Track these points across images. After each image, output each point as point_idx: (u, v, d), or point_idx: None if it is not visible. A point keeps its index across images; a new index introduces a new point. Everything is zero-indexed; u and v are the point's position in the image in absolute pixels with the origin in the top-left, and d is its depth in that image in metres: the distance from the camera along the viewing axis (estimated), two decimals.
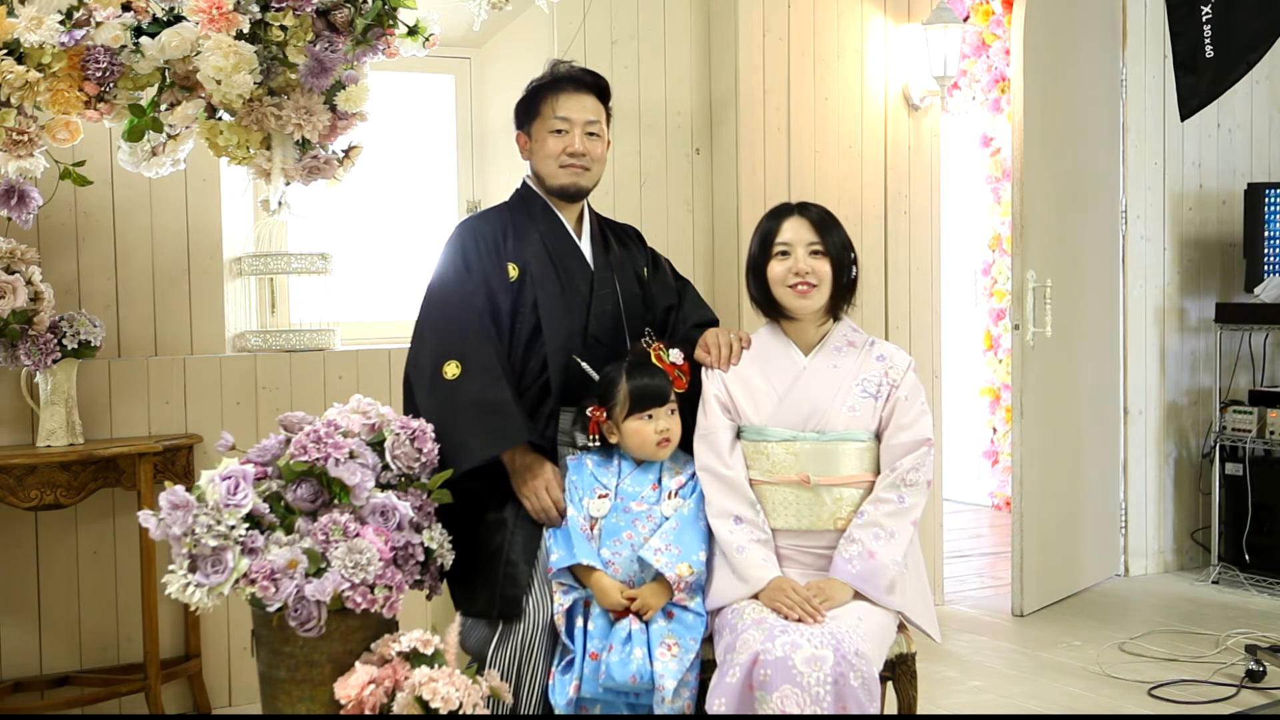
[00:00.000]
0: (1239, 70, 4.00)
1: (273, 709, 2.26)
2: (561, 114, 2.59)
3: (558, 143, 2.59)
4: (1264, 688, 3.45)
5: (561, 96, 2.60)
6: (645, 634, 2.28)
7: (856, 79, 4.29)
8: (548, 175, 2.62)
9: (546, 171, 2.62)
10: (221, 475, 2.22)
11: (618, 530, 2.38)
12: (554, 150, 2.59)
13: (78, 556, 3.33)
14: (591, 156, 2.62)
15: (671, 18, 4.20)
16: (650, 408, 2.42)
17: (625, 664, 2.23)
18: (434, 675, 2.15)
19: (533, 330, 2.55)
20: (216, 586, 2.15)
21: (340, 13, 2.82)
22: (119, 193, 3.40)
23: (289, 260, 3.55)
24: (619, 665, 2.23)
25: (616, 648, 2.26)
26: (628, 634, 2.27)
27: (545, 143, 2.61)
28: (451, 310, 2.54)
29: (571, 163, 2.59)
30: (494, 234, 2.61)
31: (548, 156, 2.60)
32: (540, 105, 2.62)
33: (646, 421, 2.42)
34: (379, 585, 2.20)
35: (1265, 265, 4.73)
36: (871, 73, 4.32)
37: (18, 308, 3.01)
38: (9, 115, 2.71)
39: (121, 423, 3.36)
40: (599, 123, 2.63)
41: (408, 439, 2.38)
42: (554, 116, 2.59)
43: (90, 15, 2.69)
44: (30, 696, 3.23)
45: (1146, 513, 4.93)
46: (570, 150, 2.58)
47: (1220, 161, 5.06)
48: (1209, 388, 4.96)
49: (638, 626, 2.28)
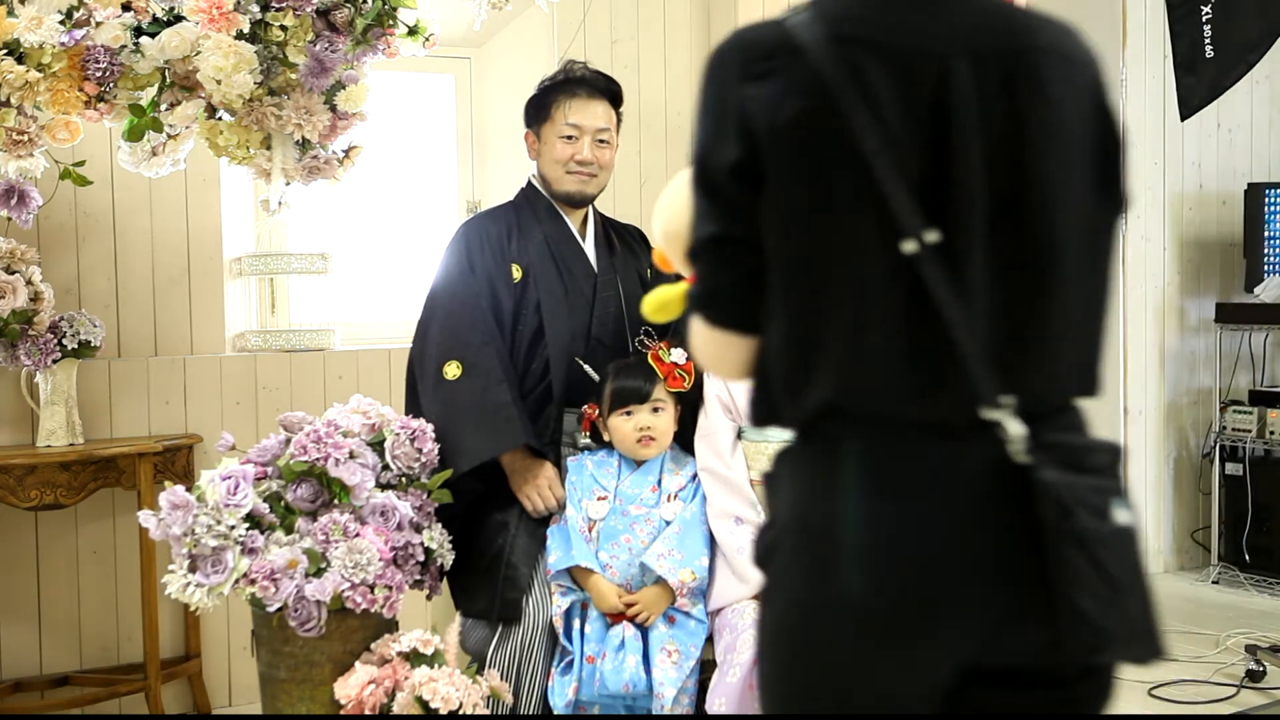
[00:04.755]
0: (1239, 70, 4.00)
1: (273, 709, 2.26)
2: (573, 120, 2.57)
3: (566, 149, 2.58)
4: (1264, 688, 3.44)
5: (574, 102, 2.58)
6: (640, 641, 2.28)
7: None
8: (554, 180, 2.62)
9: (553, 176, 2.62)
10: (221, 475, 2.22)
11: (616, 533, 2.38)
12: (562, 156, 2.59)
13: (78, 556, 3.33)
14: (599, 164, 2.61)
15: (671, 18, 4.20)
16: (629, 405, 2.42)
17: (619, 672, 2.23)
18: (434, 675, 2.16)
19: (535, 331, 2.55)
20: (216, 586, 2.15)
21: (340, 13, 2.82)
22: (119, 193, 3.40)
23: (289, 260, 3.55)
24: (612, 673, 2.23)
25: (610, 655, 2.26)
26: (621, 641, 2.27)
27: (554, 147, 2.60)
28: (455, 310, 2.54)
29: (579, 170, 2.59)
30: (498, 234, 2.61)
31: (556, 161, 2.60)
32: (552, 108, 2.60)
33: (626, 418, 2.43)
34: (379, 585, 2.20)
35: (1265, 265, 4.73)
36: None
37: (18, 308, 3.01)
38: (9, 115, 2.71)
39: (121, 423, 3.35)
40: (609, 130, 2.63)
41: (408, 439, 2.38)
42: (565, 122, 2.58)
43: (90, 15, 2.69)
44: (30, 696, 3.23)
45: (1146, 513, 4.93)
46: (579, 158, 2.58)
47: (1220, 161, 5.06)
48: (1209, 388, 4.96)
49: (632, 634, 2.28)
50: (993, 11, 1.19)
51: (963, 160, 1.13)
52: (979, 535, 1.15)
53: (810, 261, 1.17)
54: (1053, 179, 1.18)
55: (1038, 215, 1.18)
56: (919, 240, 1.11)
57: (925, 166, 1.13)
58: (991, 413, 1.14)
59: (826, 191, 1.14)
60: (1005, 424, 1.14)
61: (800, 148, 1.14)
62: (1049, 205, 1.18)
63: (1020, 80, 1.16)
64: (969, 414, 1.14)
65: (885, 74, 1.13)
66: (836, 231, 1.15)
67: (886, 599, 1.14)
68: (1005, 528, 1.14)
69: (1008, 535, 1.14)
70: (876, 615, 1.15)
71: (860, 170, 1.12)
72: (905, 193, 1.12)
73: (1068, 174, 1.20)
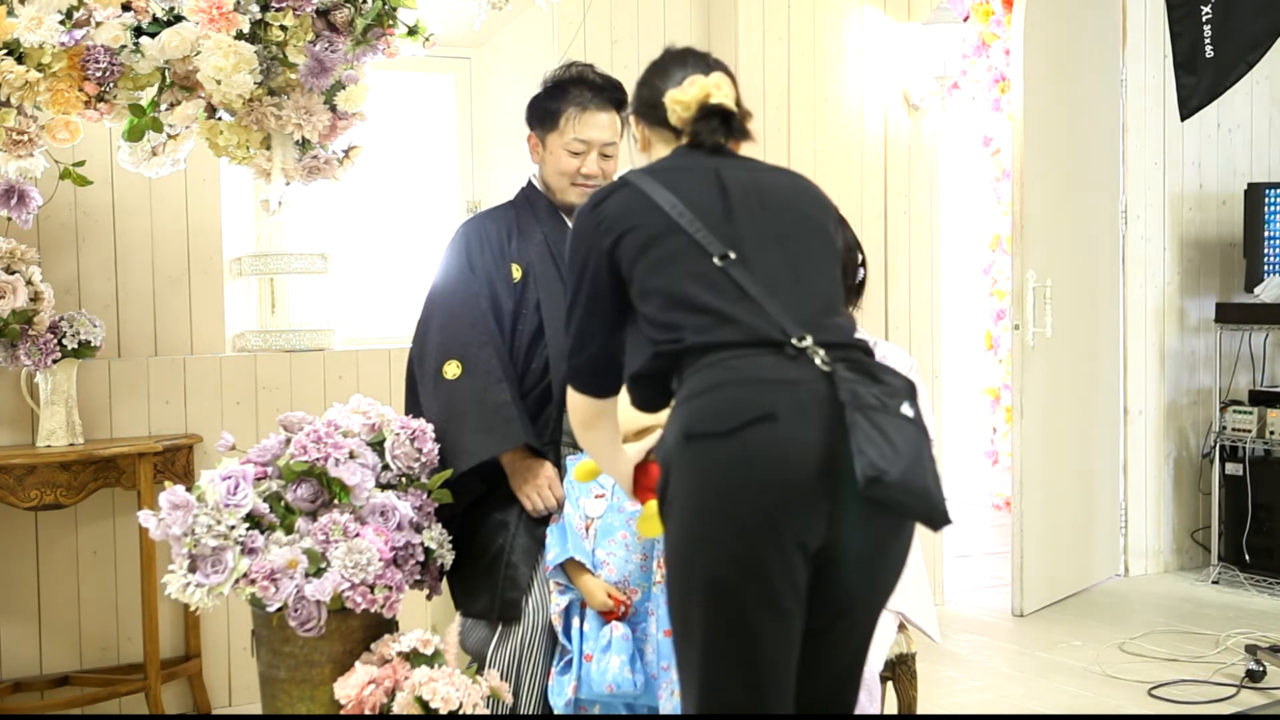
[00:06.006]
0: (1239, 70, 4.00)
1: (273, 709, 2.26)
2: (582, 136, 2.54)
3: (572, 162, 2.56)
4: (1264, 688, 3.45)
5: (584, 116, 2.55)
6: (628, 641, 2.27)
7: (856, 79, 4.30)
8: (557, 189, 2.61)
9: (557, 186, 2.61)
10: (221, 475, 2.22)
11: (613, 530, 2.38)
12: (568, 169, 2.57)
13: (78, 556, 3.33)
14: (604, 176, 2.60)
15: (671, 18, 4.20)
16: None
17: (603, 673, 2.22)
18: (434, 675, 2.16)
19: (535, 331, 2.55)
20: (216, 586, 2.15)
21: (340, 13, 2.82)
22: (119, 193, 3.40)
23: (289, 260, 3.55)
24: (598, 674, 2.22)
25: (596, 656, 2.25)
26: (609, 642, 2.26)
27: (560, 158, 2.58)
28: (454, 310, 2.53)
29: (583, 183, 2.58)
30: (498, 234, 2.60)
31: (560, 173, 2.58)
32: (560, 119, 2.56)
33: None
34: (379, 585, 2.20)
35: (1265, 265, 4.73)
36: (871, 73, 4.32)
37: (18, 308, 3.01)
38: (9, 115, 2.71)
39: (121, 423, 3.36)
40: (614, 143, 2.61)
41: (408, 439, 2.38)
42: (573, 137, 2.55)
43: (90, 15, 2.69)
44: (30, 696, 3.23)
45: (1146, 513, 4.93)
46: (585, 172, 2.57)
47: (1220, 161, 5.06)
48: (1209, 388, 4.96)
49: (620, 634, 2.27)
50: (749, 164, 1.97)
51: (740, 206, 1.82)
52: (807, 423, 1.62)
53: (661, 277, 1.79)
54: (787, 207, 1.89)
55: (784, 227, 1.85)
56: (723, 257, 1.76)
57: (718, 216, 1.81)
58: (801, 343, 1.66)
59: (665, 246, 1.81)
60: (811, 349, 1.65)
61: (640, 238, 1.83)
62: (788, 220, 1.86)
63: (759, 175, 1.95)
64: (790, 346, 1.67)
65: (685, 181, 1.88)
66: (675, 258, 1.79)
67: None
68: (823, 418, 1.60)
69: (824, 424, 1.60)
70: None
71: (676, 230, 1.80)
72: (706, 231, 1.79)
73: (795, 202, 1.91)
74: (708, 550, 1.63)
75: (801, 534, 1.62)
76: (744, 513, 1.60)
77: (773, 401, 1.61)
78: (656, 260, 1.79)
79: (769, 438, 1.60)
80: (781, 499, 1.60)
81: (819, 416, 1.60)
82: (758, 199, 1.85)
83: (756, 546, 1.60)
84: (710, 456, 1.63)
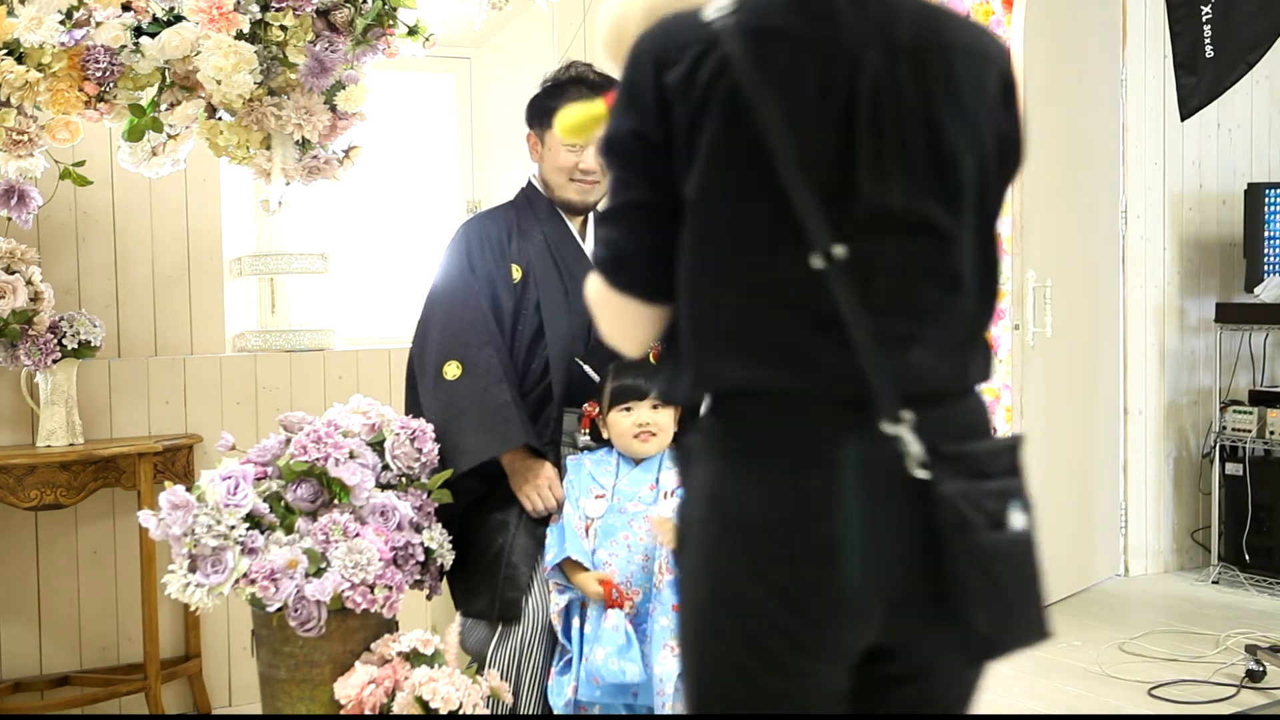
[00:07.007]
0: (1239, 70, 4.01)
1: (273, 709, 2.26)
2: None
3: (570, 158, 2.57)
4: (1264, 688, 3.44)
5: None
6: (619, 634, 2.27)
7: None
8: (556, 186, 2.62)
9: (555, 183, 2.61)
10: (221, 475, 2.22)
11: (614, 531, 2.38)
12: (566, 165, 2.58)
13: (78, 556, 3.33)
14: (602, 172, 2.61)
15: None
16: (628, 401, 2.43)
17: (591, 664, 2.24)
18: (434, 675, 2.16)
19: (535, 331, 2.55)
20: (216, 586, 2.15)
21: (340, 13, 2.82)
22: (119, 193, 3.39)
23: (289, 260, 3.55)
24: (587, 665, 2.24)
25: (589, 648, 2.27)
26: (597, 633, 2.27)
27: (558, 155, 2.59)
28: (454, 310, 2.54)
29: (582, 179, 2.58)
30: (498, 234, 2.61)
31: (558, 169, 2.59)
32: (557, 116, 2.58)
33: (625, 414, 2.43)
34: (379, 585, 2.20)
35: (1265, 265, 4.73)
36: None
37: (18, 308, 3.01)
38: (9, 115, 2.71)
39: (121, 423, 3.36)
40: None
41: (408, 439, 2.38)
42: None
43: (90, 15, 2.69)
44: (30, 696, 3.23)
45: (1146, 513, 4.93)
46: (583, 167, 2.58)
47: (1220, 161, 5.06)
48: (1209, 388, 4.96)
49: (610, 624, 2.28)
50: (908, 8, 1.21)
51: (871, 145, 1.15)
52: (885, 526, 1.17)
53: (721, 249, 1.19)
54: (962, 166, 1.21)
55: (946, 202, 1.21)
56: (827, 256, 1.14)
57: (834, 159, 1.15)
58: (891, 428, 1.16)
59: (737, 184, 1.17)
60: (905, 440, 1.16)
61: (714, 139, 1.16)
62: (956, 193, 1.22)
63: (930, 73, 1.18)
64: (872, 418, 1.16)
65: (797, 63, 1.15)
66: (746, 231, 1.18)
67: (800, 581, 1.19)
68: (909, 523, 1.17)
69: (911, 530, 1.17)
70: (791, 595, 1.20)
71: (766, 170, 1.14)
72: (813, 203, 1.13)
73: (976, 164, 1.23)
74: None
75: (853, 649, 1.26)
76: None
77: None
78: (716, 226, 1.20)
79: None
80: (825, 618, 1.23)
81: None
82: (924, 134, 1.18)
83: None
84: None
